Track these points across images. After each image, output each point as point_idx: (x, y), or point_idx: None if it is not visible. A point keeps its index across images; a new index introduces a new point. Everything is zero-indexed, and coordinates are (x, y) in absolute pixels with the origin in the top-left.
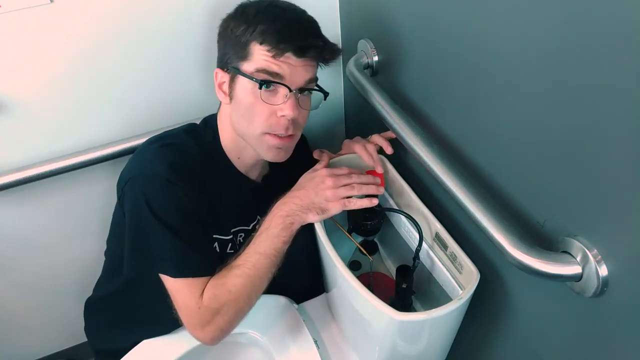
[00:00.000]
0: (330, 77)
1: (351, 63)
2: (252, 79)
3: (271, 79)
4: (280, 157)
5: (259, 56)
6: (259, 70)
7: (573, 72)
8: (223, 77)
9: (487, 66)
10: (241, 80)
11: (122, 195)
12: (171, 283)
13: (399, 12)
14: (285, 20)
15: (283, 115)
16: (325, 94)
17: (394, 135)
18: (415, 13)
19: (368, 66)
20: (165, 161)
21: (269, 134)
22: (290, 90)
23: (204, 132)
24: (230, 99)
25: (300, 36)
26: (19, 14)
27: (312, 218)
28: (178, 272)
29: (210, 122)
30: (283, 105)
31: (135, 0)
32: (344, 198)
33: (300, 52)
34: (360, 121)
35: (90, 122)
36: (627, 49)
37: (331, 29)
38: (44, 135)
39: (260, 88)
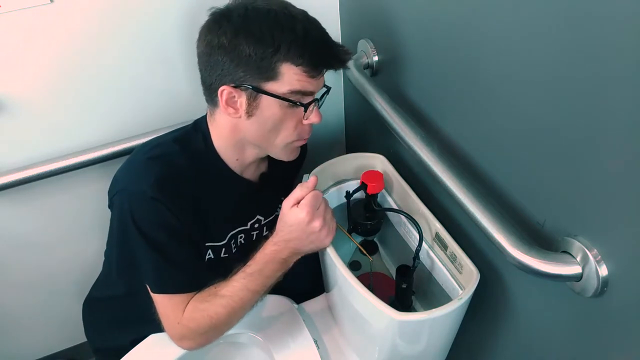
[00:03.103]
0: (330, 77)
1: (351, 63)
2: (288, 101)
3: (305, 97)
4: (298, 153)
5: (293, 77)
6: (294, 92)
7: (573, 72)
8: (232, 92)
9: (487, 66)
10: (267, 99)
11: (112, 205)
12: (154, 294)
13: (399, 12)
14: (315, 40)
15: (309, 123)
16: (329, 89)
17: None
18: (416, 13)
19: (368, 66)
20: (150, 176)
21: (296, 140)
22: (318, 101)
23: (194, 138)
24: (249, 115)
25: (334, 55)
26: (19, 14)
27: (310, 252)
28: (158, 288)
29: (200, 126)
30: (312, 116)
31: (133, 1)
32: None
33: (333, 68)
34: (360, 121)
35: (89, 123)
36: (628, 49)
37: (331, 29)
38: (42, 135)
39: (305, 110)
